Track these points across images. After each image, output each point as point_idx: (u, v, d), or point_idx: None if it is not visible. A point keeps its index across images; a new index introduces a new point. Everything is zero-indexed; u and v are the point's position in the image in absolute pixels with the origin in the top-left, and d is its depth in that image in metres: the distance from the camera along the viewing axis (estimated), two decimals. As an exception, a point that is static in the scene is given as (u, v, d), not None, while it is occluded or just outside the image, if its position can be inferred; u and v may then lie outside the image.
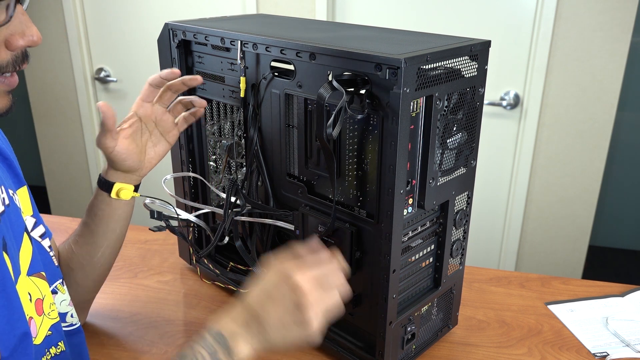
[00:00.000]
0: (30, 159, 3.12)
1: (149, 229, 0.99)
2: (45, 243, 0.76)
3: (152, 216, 0.94)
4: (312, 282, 0.63)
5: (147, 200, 0.92)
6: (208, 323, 0.64)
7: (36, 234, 0.75)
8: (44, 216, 1.38)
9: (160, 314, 1.03)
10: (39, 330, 0.68)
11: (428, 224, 0.84)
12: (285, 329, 0.63)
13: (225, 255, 1.10)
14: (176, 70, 0.86)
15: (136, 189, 0.89)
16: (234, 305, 0.65)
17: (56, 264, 0.77)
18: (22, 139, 3.35)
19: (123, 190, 0.87)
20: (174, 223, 0.99)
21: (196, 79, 0.88)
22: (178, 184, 1.10)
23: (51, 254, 0.77)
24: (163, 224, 0.95)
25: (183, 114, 0.92)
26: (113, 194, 0.86)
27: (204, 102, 0.91)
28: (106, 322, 1.01)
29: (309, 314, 0.62)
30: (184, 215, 0.99)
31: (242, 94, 0.89)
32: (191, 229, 1.06)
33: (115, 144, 0.83)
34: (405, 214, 0.77)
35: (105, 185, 0.86)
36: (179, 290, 1.10)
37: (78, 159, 2.73)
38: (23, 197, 0.75)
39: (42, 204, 3.00)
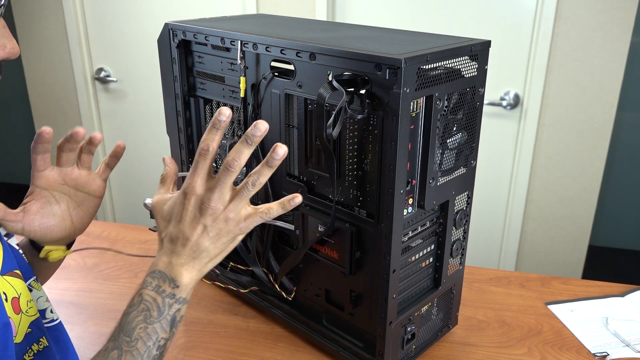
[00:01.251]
0: (30, 159, 3.12)
1: (149, 229, 0.99)
2: (12, 241, 0.74)
3: (152, 216, 0.94)
4: (198, 181, 0.64)
5: (147, 200, 0.92)
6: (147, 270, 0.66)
7: (2, 232, 0.74)
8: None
9: (160, 314, 1.03)
10: (18, 329, 0.67)
11: (428, 224, 0.84)
12: (206, 233, 0.65)
13: (225, 255, 1.10)
14: (43, 132, 0.73)
15: (69, 246, 0.82)
16: (159, 246, 0.68)
17: (27, 261, 0.74)
18: (22, 139, 3.35)
19: (52, 252, 0.79)
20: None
21: (77, 135, 0.76)
22: (178, 184, 1.10)
23: (20, 251, 0.75)
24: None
25: (104, 160, 0.81)
26: (42, 255, 0.79)
27: (99, 137, 0.78)
28: (106, 322, 1.01)
29: (211, 205, 0.63)
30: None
31: (242, 94, 0.89)
32: None
33: (22, 225, 0.74)
34: (405, 214, 0.77)
35: (34, 244, 0.79)
36: (179, 290, 1.10)
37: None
38: None
39: (42, 204, 3.01)
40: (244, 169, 0.97)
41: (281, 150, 0.62)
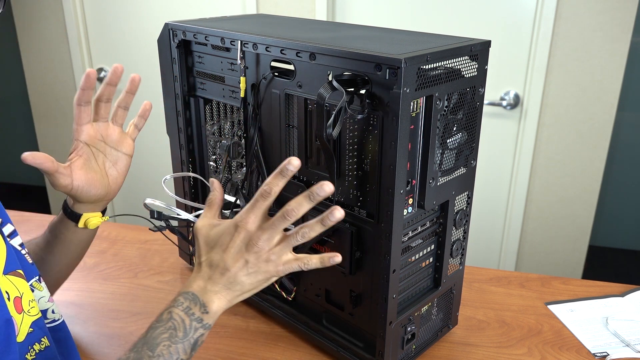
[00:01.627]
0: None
1: (149, 229, 0.99)
2: (15, 242, 0.75)
3: (152, 216, 0.94)
4: (252, 218, 0.66)
5: (147, 200, 0.92)
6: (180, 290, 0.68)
7: (5, 233, 0.74)
8: (44, 216, 1.38)
9: (160, 314, 1.03)
10: (20, 329, 0.68)
11: (428, 224, 0.84)
12: (246, 269, 0.66)
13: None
14: (90, 73, 0.76)
15: (103, 213, 0.87)
16: (196, 268, 0.69)
17: (30, 262, 0.76)
18: (22, 139, 3.35)
19: (91, 219, 0.84)
20: (174, 223, 0.99)
21: (116, 70, 0.79)
22: (178, 184, 1.10)
23: (23, 252, 0.76)
24: (163, 224, 0.95)
25: (132, 121, 0.87)
26: (81, 224, 0.84)
27: (137, 77, 0.84)
28: (106, 322, 1.01)
29: (258, 244, 0.65)
30: (184, 215, 0.99)
31: (242, 94, 0.90)
32: (191, 229, 1.06)
33: (72, 180, 0.79)
34: (405, 214, 0.77)
35: (72, 215, 0.84)
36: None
37: (78, 159, 2.73)
38: None
39: (42, 204, 3.01)
40: (244, 169, 0.97)
41: (338, 214, 0.64)
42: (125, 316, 1.02)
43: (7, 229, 0.75)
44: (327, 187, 0.63)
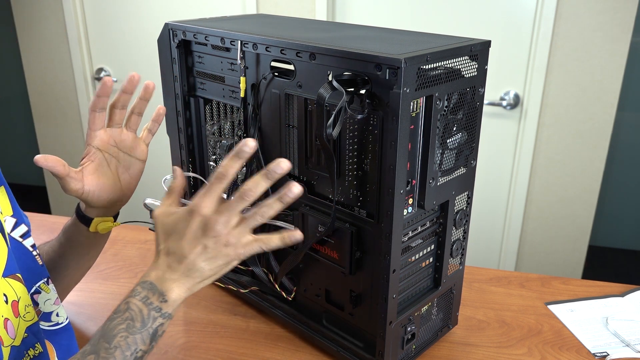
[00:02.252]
0: (30, 159, 3.12)
1: (149, 229, 0.99)
2: (28, 242, 0.75)
3: (152, 216, 0.94)
4: (207, 202, 0.64)
5: (148, 200, 0.92)
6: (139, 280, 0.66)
7: (17, 234, 0.73)
8: (44, 216, 1.38)
9: (160, 314, 1.03)
10: (17, 332, 0.68)
11: (428, 224, 0.84)
12: (205, 254, 0.65)
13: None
14: (107, 81, 0.76)
15: (115, 218, 0.87)
16: (155, 257, 0.68)
17: (40, 263, 0.76)
18: (22, 139, 3.35)
19: (102, 224, 0.84)
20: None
21: (132, 79, 0.80)
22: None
23: (34, 253, 0.75)
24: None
25: (145, 126, 0.87)
26: (92, 229, 0.84)
27: (152, 85, 0.83)
28: (106, 322, 1.00)
29: (216, 228, 0.64)
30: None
31: (242, 94, 0.89)
32: None
33: (83, 185, 0.79)
34: (405, 214, 0.77)
35: (84, 219, 0.84)
36: (179, 290, 1.10)
37: (78, 159, 2.70)
38: (2, 198, 0.74)
39: (42, 204, 3.01)
40: (244, 169, 0.97)
41: (296, 190, 0.63)
42: (125, 316, 1.02)
43: (21, 230, 0.75)
44: (284, 165, 0.62)
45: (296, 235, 0.68)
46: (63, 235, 0.87)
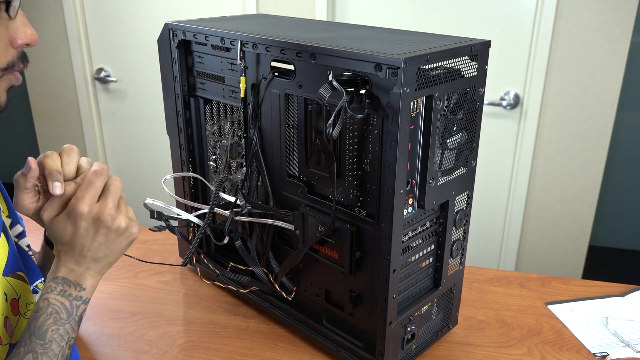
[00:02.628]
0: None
1: (149, 229, 0.99)
2: (23, 242, 0.76)
3: (152, 216, 0.94)
4: (87, 200, 0.66)
5: (148, 200, 0.92)
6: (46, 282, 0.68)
7: (12, 234, 0.74)
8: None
9: (160, 314, 1.03)
10: (15, 330, 0.69)
11: (428, 224, 0.84)
12: (105, 245, 0.68)
13: (225, 255, 1.10)
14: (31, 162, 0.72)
15: None
16: (56, 258, 0.69)
17: (36, 263, 0.77)
18: (22, 139, 3.35)
19: None
20: (174, 223, 0.99)
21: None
22: (178, 184, 1.10)
23: (30, 253, 0.76)
24: (163, 224, 0.95)
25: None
26: (55, 252, 0.83)
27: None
28: (106, 322, 1.01)
29: (106, 220, 0.66)
30: (184, 215, 0.99)
31: (242, 94, 0.89)
32: (191, 229, 1.06)
33: (37, 207, 0.73)
34: (405, 214, 0.77)
35: (48, 242, 0.83)
36: (179, 290, 1.10)
37: (78, 159, 2.72)
38: None
39: (42, 204, 3.01)
40: (244, 169, 0.97)
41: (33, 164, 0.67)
42: (125, 316, 1.02)
43: (16, 230, 0.75)
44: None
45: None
46: (42, 250, 0.86)
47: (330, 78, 0.75)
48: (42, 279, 0.78)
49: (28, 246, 0.77)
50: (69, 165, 0.69)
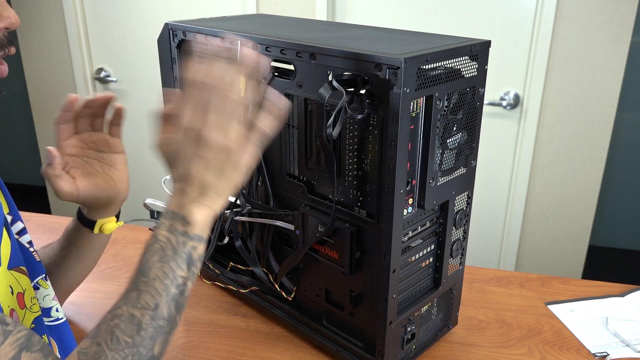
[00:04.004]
0: (30, 159, 3.12)
1: (149, 229, 0.99)
2: (24, 239, 0.76)
3: (152, 216, 0.94)
4: (188, 113, 0.61)
5: (148, 200, 0.92)
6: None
7: (14, 231, 0.74)
8: (44, 216, 1.38)
9: (160, 314, 1.03)
10: (23, 323, 0.69)
11: (428, 224, 0.84)
12: (209, 167, 0.62)
13: (225, 255, 1.10)
14: (72, 98, 0.79)
15: (117, 217, 0.88)
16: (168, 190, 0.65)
17: (37, 260, 0.77)
18: (22, 139, 3.35)
19: (106, 224, 0.86)
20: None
21: (97, 99, 0.81)
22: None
23: (31, 250, 0.76)
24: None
25: (109, 123, 0.86)
26: (96, 230, 0.85)
27: (109, 95, 0.83)
28: (106, 322, 1.00)
29: (207, 138, 0.60)
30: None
31: (242, 94, 0.89)
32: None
33: (76, 187, 0.80)
34: (405, 214, 0.77)
35: (87, 222, 0.85)
36: (179, 290, 1.10)
37: (78, 159, 2.73)
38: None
39: (42, 204, 3.01)
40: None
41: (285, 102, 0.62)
42: (125, 316, 1.02)
43: (17, 227, 0.75)
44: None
45: (282, 100, 0.64)
46: (65, 239, 0.88)
47: (330, 78, 0.75)
48: (44, 275, 0.78)
49: (29, 242, 0.77)
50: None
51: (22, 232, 0.76)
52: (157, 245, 0.61)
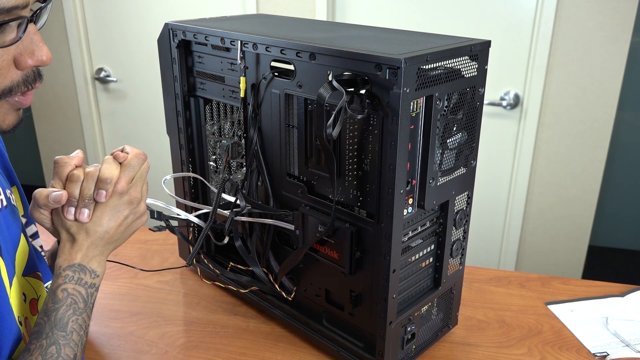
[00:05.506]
0: (30, 159, 3.12)
1: (149, 229, 0.99)
2: (37, 243, 0.76)
3: (152, 216, 0.94)
4: (124, 179, 0.70)
5: (147, 200, 0.92)
6: (57, 271, 0.68)
7: (28, 233, 0.74)
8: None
9: (160, 314, 1.03)
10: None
11: (428, 224, 0.84)
12: (124, 223, 0.71)
13: (225, 255, 1.10)
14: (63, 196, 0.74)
15: None
16: (66, 242, 0.69)
17: (47, 264, 0.78)
18: (22, 139, 3.35)
19: None
20: (174, 223, 0.99)
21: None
22: (178, 184, 1.10)
23: (42, 254, 0.77)
24: (163, 224, 0.95)
25: None
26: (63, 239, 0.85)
27: None
28: (106, 322, 1.01)
29: (133, 196, 0.70)
30: (183, 215, 0.99)
31: (242, 94, 0.89)
32: (191, 229, 1.06)
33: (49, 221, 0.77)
34: (405, 214, 0.77)
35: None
36: (179, 290, 1.10)
37: (78, 159, 2.72)
38: (16, 197, 0.75)
39: (42, 204, 3.01)
40: (244, 169, 0.97)
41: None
42: (125, 316, 1.02)
43: (31, 230, 0.75)
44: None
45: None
46: (51, 258, 0.87)
47: (330, 78, 0.75)
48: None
49: (41, 247, 0.77)
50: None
51: (35, 235, 0.76)
52: (70, 300, 0.66)
